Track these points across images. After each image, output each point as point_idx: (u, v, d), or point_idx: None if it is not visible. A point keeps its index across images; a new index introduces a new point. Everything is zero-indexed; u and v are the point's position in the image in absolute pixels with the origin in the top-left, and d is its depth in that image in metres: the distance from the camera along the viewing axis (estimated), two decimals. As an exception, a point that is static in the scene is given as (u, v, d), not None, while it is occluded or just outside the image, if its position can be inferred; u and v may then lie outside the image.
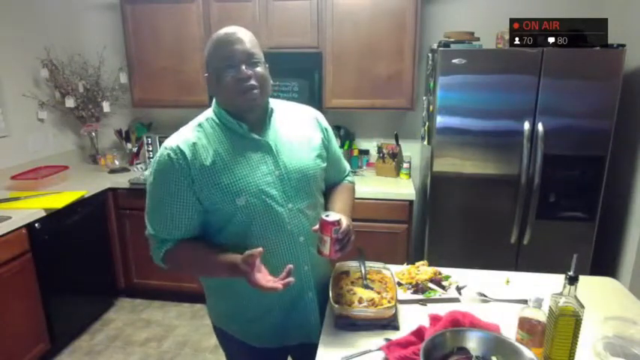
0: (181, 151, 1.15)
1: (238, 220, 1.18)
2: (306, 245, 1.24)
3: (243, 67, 1.13)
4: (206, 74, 1.20)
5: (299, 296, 1.29)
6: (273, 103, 1.28)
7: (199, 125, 1.23)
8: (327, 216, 1.14)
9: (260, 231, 1.19)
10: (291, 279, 1.08)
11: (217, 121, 1.22)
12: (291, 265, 1.11)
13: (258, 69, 1.15)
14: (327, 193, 1.41)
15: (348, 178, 1.51)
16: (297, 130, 1.29)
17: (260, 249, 1.05)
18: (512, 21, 2.29)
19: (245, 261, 1.05)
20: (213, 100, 1.25)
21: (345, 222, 1.16)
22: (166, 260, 1.22)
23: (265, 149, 1.21)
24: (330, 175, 1.41)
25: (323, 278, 1.35)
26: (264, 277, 1.08)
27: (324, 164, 1.32)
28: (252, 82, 1.14)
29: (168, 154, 1.16)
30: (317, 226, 1.15)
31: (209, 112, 1.26)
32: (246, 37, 1.15)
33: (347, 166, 1.52)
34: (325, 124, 1.39)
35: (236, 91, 1.14)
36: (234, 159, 1.17)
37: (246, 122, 1.19)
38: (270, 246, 1.18)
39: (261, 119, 1.23)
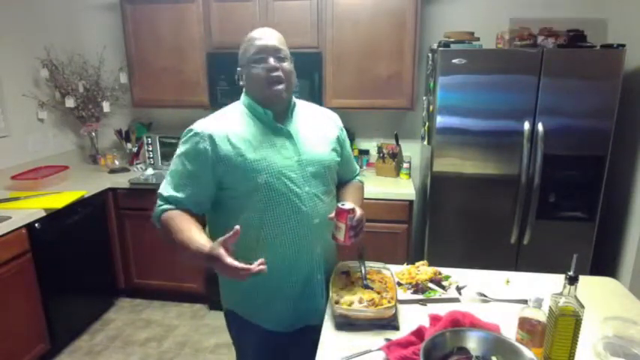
0: (210, 135, 1.25)
1: (258, 198, 1.26)
2: (319, 227, 1.32)
3: (272, 59, 1.26)
4: (238, 68, 1.34)
5: (309, 277, 1.36)
6: (296, 100, 1.42)
7: (229, 112, 1.35)
8: (342, 205, 1.25)
9: (278, 210, 1.27)
10: (263, 267, 1.07)
11: (245, 109, 1.34)
12: (263, 259, 1.09)
13: (285, 64, 1.29)
14: (339, 189, 1.52)
15: (358, 177, 1.62)
16: (315, 125, 1.41)
17: (237, 227, 1.07)
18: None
19: (221, 244, 1.07)
20: (243, 92, 1.37)
21: (359, 211, 1.28)
22: (161, 220, 1.26)
23: (287, 137, 1.32)
24: (342, 174, 1.52)
25: (331, 264, 1.44)
26: (235, 263, 1.06)
27: (339, 159, 1.44)
28: (280, 73, 1.27)
29: (200, 135, 1.25)
30: (333, 214, 1.26)
31: (238, 103, 1.38)
32: (274, 35, 1.31)
33: (357, 167, 1.64)
34: (341, 124, 1.51)
35: (265, 81, 1.26)
36: (258, 142, 1.28)
37: (272, 112, 1.31)
38: (286, 225, 1.28)
39: (285, 111, 1.35)
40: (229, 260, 1.05)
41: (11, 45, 2.83)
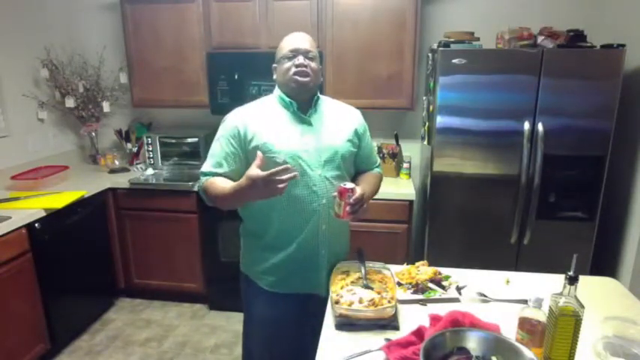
0: (242, 121, 1.46)
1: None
2: (326, 207, 1.47)
3: (301, 57, 1.44)
4: (274, 65, 1.53)
5: (314, 251, 1.51)
6: (323, 97, 1.59)
7: (262, 102, 1.55)
8: (344, 184, 1.37)
9: (292, 187, 1.39)
10: (295, 172, 1.26)
11: (276, 100, 1.53)
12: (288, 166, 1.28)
13: (313, 63, 1.47)
14: (357, 177, 1.64)
15: (377, 169, 1.74)
16: (336, 117, 1.57)
17: (260, 154, 1.30)
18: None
19: (255, 168, 1.26)
20: (276, 86, 1.55)
21: (359, 190, 1.37)
22: (205, 188, 1.47)
23: (308, 125, 1.49)
24: (361, 164, 1.66)
25: (335, 243, 1.56)
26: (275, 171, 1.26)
27: (354, 149, 1.57)
28: (307, 69, 1.44)
29: (235, 120, 1.48)
30: (335, 193, 1.38)
31: (272, 95, 1.56)
32: (308, 39, 1.50)
33: (377, 159, 1.77)
34: (362, 120, 1.65)
35: (293, 74, 1.44)
36: (282, 128, 1.47)
37: (296, 102, 1.48)
38: (296, 201, 1.45)
39: (309, 103, 1.52)
40: (265, 173, 1.23)
41: (11, 45, 2.83)
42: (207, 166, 1.50)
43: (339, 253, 1.58)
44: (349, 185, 1.36)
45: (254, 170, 1.26)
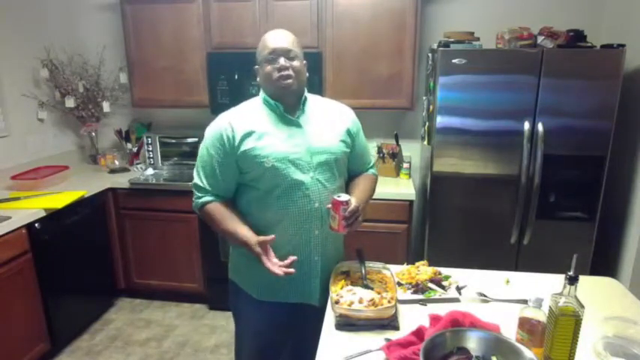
0: (230, 125, 1.41)
1: (266, 180, 1.40)
2: (319, 211, 1.42)
3: (282, 59, 1.39)
4: (255, 67, 1.48)
5: (306, 258, 1.46)
6: (311, 96, 1.54)
7: (248, 105, 1.50)
8: (338, 196, 1.33)
9: (283, 191, 1.40)
10: (292, 270, 1.30)
11: (261, 102, 1.49)
12: (295, 257, 1.33)
13: (295, 63, 1.41)
14: (350, 181, 1.60)
15: (371, 170, 1.68)
16: (327, 117, 1.52)
17: (272, 236, 1.33)
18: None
19: (259, 243, 1.33)
20: (261, 88, 1.50)
21: (354, 203, 1.34)
22: (202, 211, 1.47)
23: (297, 127, 1.44)
24: (355, 166, 1.61)
25: (329, 249, 1.51)
26: (271, 260, 1.33)
27: (348, 150, 1.52)
28: (289, 72, 1.40)
29: (221, 125, 1.43)
30: (330, 205, 1.35)
31: (257, 98, 1.52)
32: (287, 36, 1.44)
33: (371, 160, 1.71)
34: (354, 118, 1.59)
35: (275, 78, 1.40)
36: (269, 131, 1.42)
37: (282, 105, 1.44)
38: (288, 206, 1.40)
39: (296, 104, 1.47)
40: (264, 260, 1.32)
41: (11, 45, 2.83)
42: (200, 179, 1.45)
43: (333, 260, 1.51)
44: (344, 197, 1.32)
45: (261, 253, 1.32)
